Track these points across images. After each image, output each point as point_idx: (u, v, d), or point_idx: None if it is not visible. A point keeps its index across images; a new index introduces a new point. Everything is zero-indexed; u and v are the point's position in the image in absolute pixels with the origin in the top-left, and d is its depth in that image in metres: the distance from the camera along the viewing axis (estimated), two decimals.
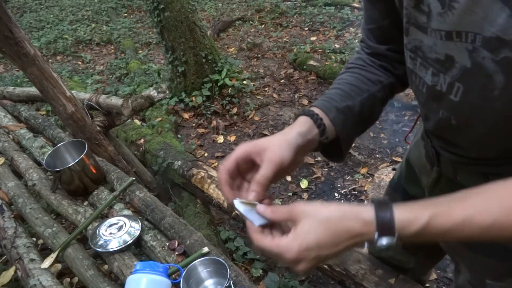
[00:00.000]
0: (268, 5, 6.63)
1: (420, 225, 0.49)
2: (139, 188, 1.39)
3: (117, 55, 5.74)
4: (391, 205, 0.50)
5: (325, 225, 0.52)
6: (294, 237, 0.52)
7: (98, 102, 1.91)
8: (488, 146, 0.60)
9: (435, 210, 0.49)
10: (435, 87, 0.59)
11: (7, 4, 8.52)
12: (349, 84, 0.72)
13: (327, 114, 0.66)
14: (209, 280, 1.00)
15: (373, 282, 1.00)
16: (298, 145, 0.62)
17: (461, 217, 0.48)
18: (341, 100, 0.69)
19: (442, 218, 0.48)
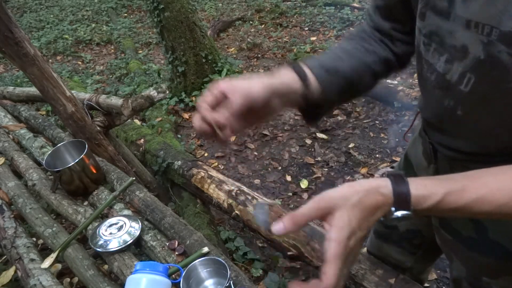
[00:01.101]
0: (268, 5, 6.63)
1: (435, 201, 0.50)
2: (139, 188, 1.39)
3: (117, 55, 5.75)
4: (407, 180, 0.51)
5: (358, 207, 0.52)
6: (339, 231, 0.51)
7: (98, 102, 1.91)
8: (490, 139, 0.60)
9: (450, 187, 0.50)
10: (445, 75, 0.58)
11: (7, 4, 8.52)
12: (343, 49, 0.71)
13: (311, 70, 0.64)
14: (209, 280, 1.00)
15: (373, 282, 1.00)
16: (275, 88, 0.60)
17: (475, 195, 0.49)
18: (331, 61, 0.67)
19: (456, 196, 0.50)
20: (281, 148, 3.06)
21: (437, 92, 0.62)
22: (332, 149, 2.96)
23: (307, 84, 0.63)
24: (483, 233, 0.71)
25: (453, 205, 0.50)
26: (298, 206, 2.46)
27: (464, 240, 0.75)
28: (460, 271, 0.82)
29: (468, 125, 0.61)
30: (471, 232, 0.73)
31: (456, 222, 0.76)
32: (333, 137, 3.09)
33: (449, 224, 0.78)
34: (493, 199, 0.49)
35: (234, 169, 2.92)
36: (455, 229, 0.76)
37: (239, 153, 3.11)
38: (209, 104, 0.59)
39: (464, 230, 0.74)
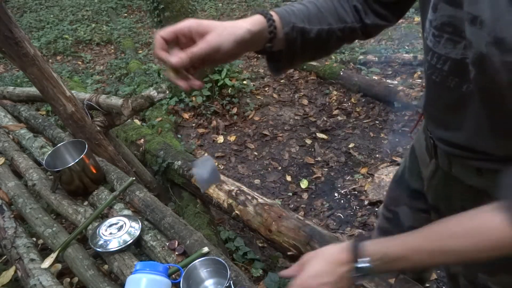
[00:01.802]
0: (268, 5, 6.63)
1: (381, 254, 0.64)
2: (139, 188, 1.39)
3: (117, 55, 5.75)
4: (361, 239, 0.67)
5: (321, 259, 0.71)
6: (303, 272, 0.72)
7: (98, 102, 1.91)
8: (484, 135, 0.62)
9: (396, 240, 0.64)
10: (465, 59, 0.58)
11: (7, 4, 8.52)
12: (317, 8, 0.71)
13: (282, 26, 0.65)
14: (209, 280, 1.00)
15: (373, 282, 1.00)
16: (244, 40, 0.61)
17: (414, 244, 0.62)
18: (301, 20, 0.68)
19: (396, 248, 0.63)
20: (281, 148, 3.06)
21: (452, 80, 0.63)
22: (332, 149, 2.96)
23: (273, 37, 0.65)
24: None
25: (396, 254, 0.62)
26: (298, 206, 2.46)
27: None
28: (457, 267, 0.84)
29: (470, 116, 0.62)
30: None
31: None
32: (333, 137, 3.09)
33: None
34: (426, 248, 0.60)
35: (234, 169, 2.92)
36: None
37: (239, 153, 3.11)
38: (166, 39, 0.59)
39: None
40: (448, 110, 0.68)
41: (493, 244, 0.55)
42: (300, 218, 1.38)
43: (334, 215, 2.37)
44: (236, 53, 0.63)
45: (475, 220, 0.57)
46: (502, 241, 0.54)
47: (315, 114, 3.42)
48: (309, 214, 2.40)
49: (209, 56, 0.59)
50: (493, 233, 0.54)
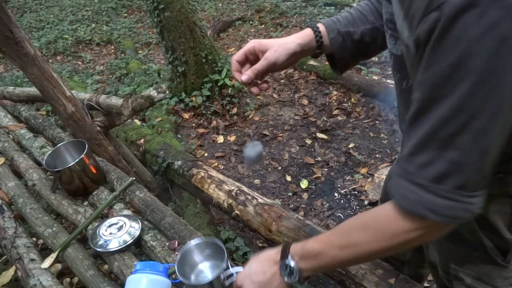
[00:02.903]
0: (268, 5, 6.63)
1: (302, 249, 0.67)
2: (139, 188, 1.39)
3: (117, 55, 5.74)
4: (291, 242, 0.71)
5: (255, 259, 0.75)
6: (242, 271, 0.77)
7: (98, 102, 1.91)
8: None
9: (316, 236, 0.67)
10: (403, 56, 0.63)
11: (7, 4, 8.52)
12: (359, 11, 0.81)
13: (328, 33, 0.78)
14: (205, 263, 0.98)
15: (373, 282, 1.00)
16: (295, 52, 0.77)
17: (327, 239, 0.66)
18: (346, 24, 0.79)
19: (313, 243, 0.66)
20: (281, 148, 3.06)
21: (397, 75, 0.69)
22: (332, 149, 2.96)
23: (320, 45, 0.79)
24: None
25: (312, 250, 0.65)
26: (298, 206, 2.46)
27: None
28: (434, 256, 0.88)
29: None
30: None
31: None
32: (333, 137, 3.09)
33: None
34: (335, 242, 0.63)
35: (234, 169, 2.92)
36: None
37: (239, 153, 3.11)
38: (239, 61, 0.78)
39: None
40: (399, 102, 0.75)
41: (388, 233, 0.58)
42: (300, 218, 1.38)
43: (334, 215, 2.37)
44: (291, 62, 0.78)
45: (372, 213, 0.62)
46: (394, 229, 0.57)
47: (315, 114, 3.42)
48: (309, 214, 2.40)
49: (269, 68, 0.76)
50: (386, 223, 0.58)
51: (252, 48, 0.77)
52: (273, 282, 0.70)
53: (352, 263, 0.69)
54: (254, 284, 0.72)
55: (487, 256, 0.74)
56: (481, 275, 0.78)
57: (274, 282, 0.70)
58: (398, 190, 0.56)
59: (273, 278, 0.70)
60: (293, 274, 0.67)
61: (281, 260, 0.69)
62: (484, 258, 0.75)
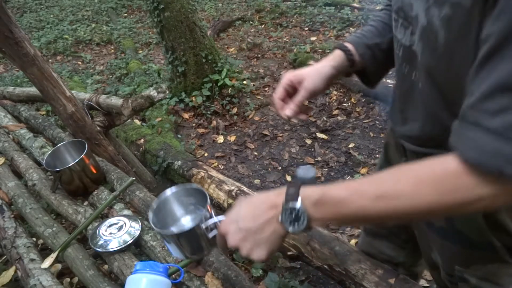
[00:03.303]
0: (268, 5, 6.63)
1: (319, 194, 0.55)
2: (139, 188, 1.39)
3: (117, 55, 5.74)
4: (300, 183, 0.59)
5: (245, 202, 0.62)
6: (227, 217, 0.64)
7: (98, 102, 1.91)
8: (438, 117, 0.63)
9: (337, 183, 0.57)
10: (412, 47, 0.62)
11: (7, 4, 8.52)
12: (382, 22, 0.83)
13: (357, 50, 0.79)
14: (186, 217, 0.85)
15: (373, 282, 1.00)
16: (331, 75, 0.78)
17: (355, 187, 0.55)
18: (372, 37, 0.81)
19: (337, 189, 0.55)
20: (281, 148, 3.06)
21: (405, 67, 0.67)
22: (332, 149, 2.96)
23: (353, 64, 0.80)
24: (451, 223, 0.75)
25: (335, 196, 0.55)
26: None
27: (437, 230, 0.79)
28: (437, 259, 0.86)
29: (425, 100, 0.65)
30: (442, 222, 0.77)
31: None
32: (333, 137, 3.09)
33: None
34: (370, 190, 0.53)
35: (234, 169, 2.92)
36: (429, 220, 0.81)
37: (239, 153, 3.11)
38: (281, 98, 0.79)
39: (436, 221, 0.79)
40: (405, 99, 0.71)
41: (448, 188, 0.49)
42: None
43: None
44: (329, 85, 0.80)
45: (428, 165, 0.51)
46: (457, 184, 0.48)
47: (315, 114, 3.42)
48: None
49: (310, 97, 0.78)
50: (447, 176, 0.49)
51: (289, 81, 0.79)
52: (265, 230, 0.58)
53: (382, 219, 0.54)
54: (241, 232, 0.59)
55: (494, 255, 0.73)
56: (487, 274, 0.77)
57: (267, 230, 0.58)
58: (467, 141, 0.47)
59: (267, 225, 0.58)
60: (298, 222, 0.56)
61: (285, 203, 0.56)
62: (491, 257, 0.74)
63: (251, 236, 0.59)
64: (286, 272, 1.87)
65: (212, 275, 1.02)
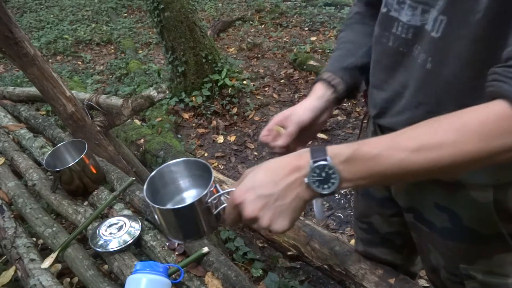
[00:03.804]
0: (268, 5, 6.64)
1: (350, 151, 0.51)
2: (139, 188, 1.39)
3: (117, 55, 5.75)
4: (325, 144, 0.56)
5: (262, 167, 0.56)
6: (240, 184, 0.57)
7: (98, 102, 1.91)
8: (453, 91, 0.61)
9: (367, 139, 0.52)
10: (424, 26, 0.61)
11: (7, 4, 8.52)
12: (349, 42, 0.84)
13: (336, 75, 0.80)
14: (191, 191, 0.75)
15: (373, 282, 1.00)
16: (317, 107, 0.77)
17: (390, 141, 0.51)
18: (345, 59, 0.82)
19: (370, 144, 0.51)
20: None
21: (416, 49, 0.64)
22: None
23: (336, 89, 0.79)
24: (457, 222, 0.74)
25: (368, 152, 0.50)
26: None
27: (439, 231, 0.78)
28: (437, 261, 0.85)
29: (435, 80, 0.62)
30: (445, 223, 0.76)
31: (430, 214, 0.79)
32: (333, 137, 3.09)
33: (423, 216, 0.81)
34: (408, 143, 0.49)
35: (234, 169, 2.92)
36: (430, 220, 0.79)
37: (239, 153, 3.11)
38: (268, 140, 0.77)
39: (438, 221, 0.77)
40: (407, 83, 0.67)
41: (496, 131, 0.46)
42: (300, 218, 1.38)
43: (334, 215, 2.37)
44: (321, 118, 0.79)
45: (470, 112, 0.48)
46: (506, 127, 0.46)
47: None
48: (309, 214, 2.40)
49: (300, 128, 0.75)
50: (495, 120, 0.46)
51: (276, 122, 0.78)
52: (288, 195, 0.53)
53: (421, 172, 0.50)
54: (260, 200, 0.53)
55: (502, 246, 0.73)
56: (493, 267, 0.77)
57: (289, 195, 0.53)
58: None
59: (290, 189, 0.53)
60: (328, 182, 0.51)
61: (313, 162, 0.51)
62: (499, 248, 0.74)
63: (272, 203, 0.53)
64: (286, 272, 1.87)
65: (212, 275, 1.02)
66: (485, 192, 0.67)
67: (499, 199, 0.67)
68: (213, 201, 0.61)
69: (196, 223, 0.62)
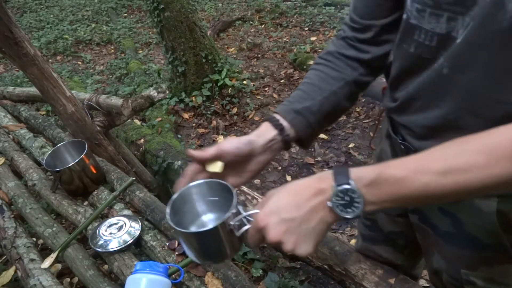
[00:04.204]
0: (268, 5, 6.63)
1: (374, 174, 0.50)
2: (139, 188, 1.39)
3: (117, 55, 5.75)
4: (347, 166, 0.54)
5: (285, 190, 0.56)
6: (263, 207, 0.56)
7: (98, 102, 1.91)
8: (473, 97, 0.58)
9: (391, 162, 0.51)
10: (451, 33, 0.57)
11: (7, 4, 8.52)
12: (311, 84, 0.77)
13: (284, 117, 0.72)
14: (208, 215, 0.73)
15: (373, 282, 1.00)
16: (250, 143, 0.69)
17: (415, 163, 0.49)
18: (300, 101, 0.75)
19: (395, 167, 0.50)
20: None
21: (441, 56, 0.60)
22: (332, 149, 2.96)
23: (283, 131, 0.72)
24: (459, 227, 0.73)
25: (394, 175, 0.49)
26: None
27: (442, 234, 0.77)
28: (440, 263, 0.84)
29: (451, 86, 0.60)
30: (448, 227, 0.75)
31: (434, 217, 0.78)
32: (333, 137, 3.09)
33: (428, 219, 0.80)
34: (435, 165, 0.48)
35: None
36: (434, 223, 0.79)
37: None
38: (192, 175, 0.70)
39: (441, 225, 0.77)
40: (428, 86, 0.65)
41: None
42: None
43: None
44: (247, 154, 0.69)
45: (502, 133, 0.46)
46: None
47: None
48: None
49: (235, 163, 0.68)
50: None
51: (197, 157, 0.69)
52: (312, 219, 0.52)
53: (448, 195, 0.49)
54: (284, 224, 0.52)
55: (503, 256, 0.72)
56: (494, 275, 0.76)
57: (313, 219, 0.52)
58: None
59: (313, 213, 0.52)
60: (352, 206, 0.50)
61: (336, 186, 0.50)
62: (500, 258, 0.73)
63: (296, 227, 0.52)
64: (286, 272, 1.87)
65: (212, 275, 1.03)
66: (489, 201, 0.66)
67: (503, 210, 0.66)
68: (236, 223, 0.61)
69: (219, 246, 0.62)
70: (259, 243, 0.58)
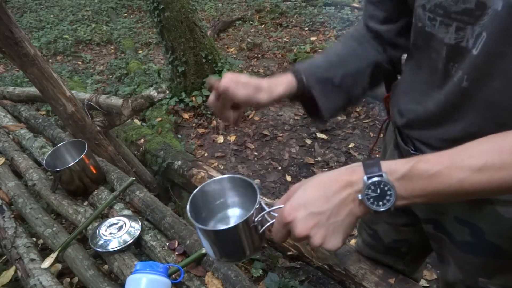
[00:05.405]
0: (268, 5, 6.63)
1: (407, 167, 0.49)
2: (139, 188, 1.39)
3: (117, 55, 5.75)
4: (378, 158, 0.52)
5: (312, 183, 0.53)
6: (289, 201, 0.54)
7: (98, 102, 1.91)
8: (493, 110, 0.57)
9: (423, 156, 0.49)
10: (460, 43, 0.56)
11: (7, 4, 8.52)
12: (337, 55, 0.77)
13: (307, 79, 0.73)
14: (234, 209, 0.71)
15: (373, 282, 1.00)
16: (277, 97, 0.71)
17: (449, 159, 0.48)
18: (324, 70, 0.74)
19: (429, 161, 0.48)
20: (281, 148, 3.06)
21: (453, 67, 0.59)
22: (332, 149, 2.96)
23: (303, 91, 0.73)
24: (479, 236, 0.71)
25: (427, 170, 0.48)
26: None
27: (459, 244, 0.75)
28: (456, 275, 0.82)
29: (472, 99, 0.58)
30: (465, 236, 0.73)
31: (449, 226, 0.76)
32: (333, 137, 3.09)
33: (444, 227, 0.78)
34: (470, 161, 0.47)
35: (234, 169, 2.92)
36: (450, 232, 0.77)
37: (239, 153, 3.11)
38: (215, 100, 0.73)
39: (458, 235, 0.75)
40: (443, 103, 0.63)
41: None
42: None
43: None
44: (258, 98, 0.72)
45: None
46: None
47: None
48: None
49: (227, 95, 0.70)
50: None
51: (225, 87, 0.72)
52: (341, 212, 0.51)
53: (480, 192, 0.48)
54: (312, 217, 0.50)
55: None
56: (510, 281, 0.74)
57: (342, 212, 0.51)
58: None
59: (343, 206, 0.51)
60: (384, 199, 0.49)
61: (367, 178, 0.49)
62: None
63: (325, 221, 0.51)
64: (286, 272, 1.87)
65: (212, 275, 1.03)
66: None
67: None
68: (259, 219, 0.59)
69: (241, 244, 0.60)
70: (285, 238, 0.56)
